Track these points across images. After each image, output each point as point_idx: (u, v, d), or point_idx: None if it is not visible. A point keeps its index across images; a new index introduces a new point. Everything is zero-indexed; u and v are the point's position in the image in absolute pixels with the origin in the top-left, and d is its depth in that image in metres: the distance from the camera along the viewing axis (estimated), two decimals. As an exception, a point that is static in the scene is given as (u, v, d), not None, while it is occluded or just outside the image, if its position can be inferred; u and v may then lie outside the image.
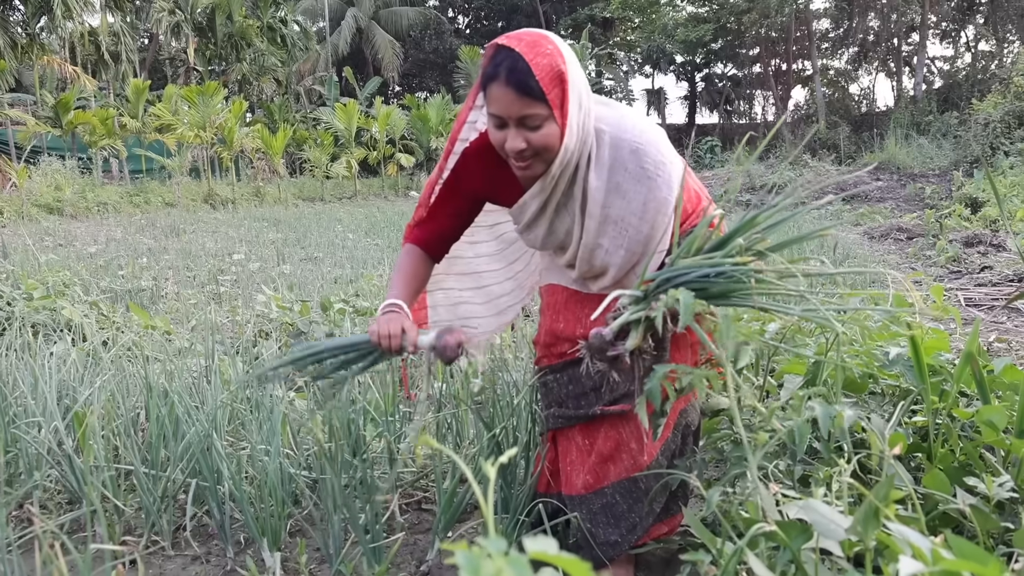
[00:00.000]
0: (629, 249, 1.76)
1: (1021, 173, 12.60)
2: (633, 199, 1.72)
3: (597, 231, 1.76)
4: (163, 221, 13.42)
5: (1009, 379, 2.28)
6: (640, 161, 1.72)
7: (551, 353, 1.97)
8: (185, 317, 4.57)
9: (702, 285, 1.54)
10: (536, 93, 1.57)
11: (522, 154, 1.64)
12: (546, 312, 2.01)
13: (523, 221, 1.82)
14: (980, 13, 31.24)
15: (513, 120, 1.61)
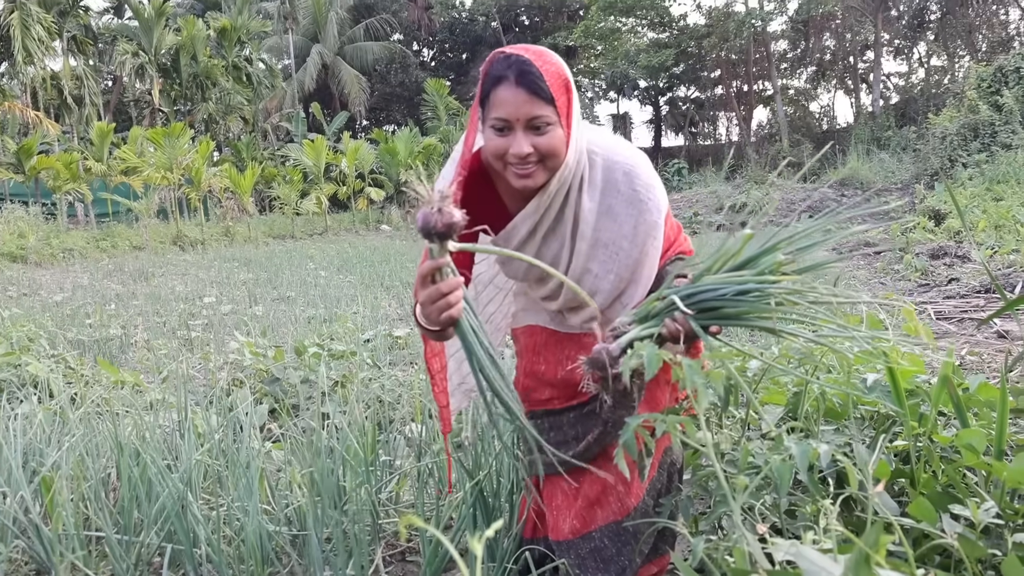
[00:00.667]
0: (618, 275, 1.74)
1: (980, 184, 12.86)
2: (624, 222, 1.71)
3: (588, 255, 1.73)
4: (131, 265, 13.26)
5: (984, 396, 2.30)
6: (632, 183, 1.71)
7: (530, 399, 1.92)
8: (156, 367, 4.49)
9: (721, 304, 1.53)
10: (546, 96, 1.54)
11: (527, 160, 1.57)
12: (524, 355, 1.95)
13: (511, 245, 1.74)
14: (930, 30, 32.01)
15: (521, 122, 1.55)
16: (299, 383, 3.57)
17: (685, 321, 1.51)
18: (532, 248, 1.74)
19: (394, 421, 3.26)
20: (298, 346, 3.92)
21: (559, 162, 1.61)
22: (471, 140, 1.67)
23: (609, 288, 1.75)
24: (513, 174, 1.61)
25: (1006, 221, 9.00)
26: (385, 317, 6.57)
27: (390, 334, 5.13)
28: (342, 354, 3.78)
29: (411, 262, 11.30)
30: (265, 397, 3.63)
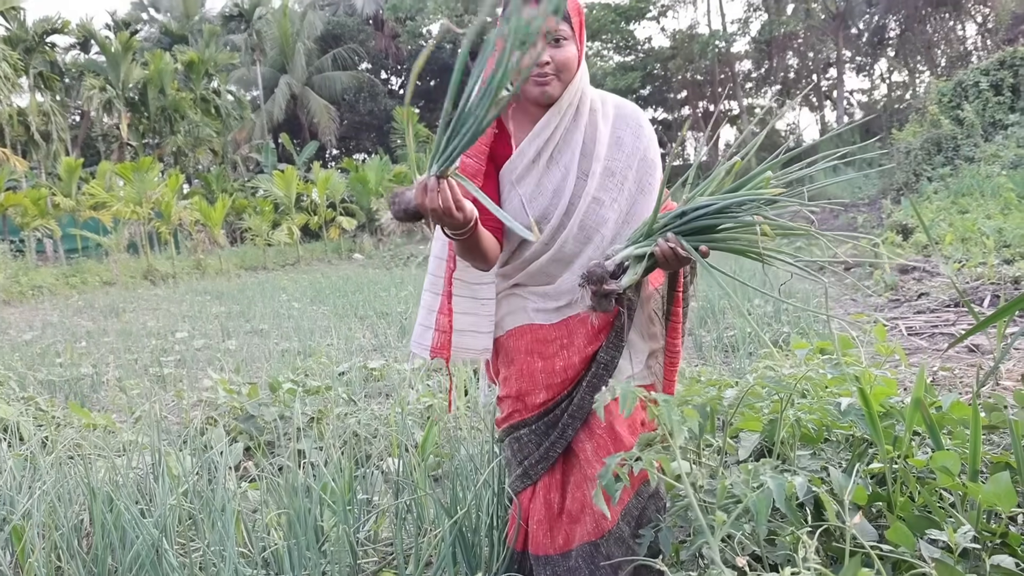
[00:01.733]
0: (622, 207, 1.89)
1: (946, 198, 13.08)
2: (632, 154, 1.90)
3: (600, 182, 1.86)
4: (102, 301, 13.09)
5: (957, 415, 2.33)
6: (640, 120, 1.94)
7: (526, 405, 1.95)
8: (128, 408, 4.42)
9: (713, 223, 1.66)
10: (563, 14, 1.72)
11: (545, 68, 1.76)
12: (516, 359, 1.97)
13: (515, 174, 1.86)
14: (890, 46, 32.71)
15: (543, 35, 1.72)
16: (274, 420, 3.53)
17: (677, 240, 1.65)
18: (534, 177, 1.86)
19: (371, 456, 3.23)
20: (272, 382, 3.89)
21: (571, 76, 1.81)
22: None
23: (614, 219, 1.88)
24: (532, 83, 1.78)
25: (972, 234, 9.15)
26: (360, 348, 6.53)
27: (365, 366, 5.10)
28: (317, 389, 3.75)
29: (384, 291, 11.26)
30: (240, 435, 3.59)
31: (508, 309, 2.01)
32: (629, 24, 32.94)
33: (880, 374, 2.24)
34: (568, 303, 1.91)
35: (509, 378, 1.98)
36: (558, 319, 1.93)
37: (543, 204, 1.86)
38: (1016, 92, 15.99)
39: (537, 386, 1.93)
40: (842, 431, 2.22)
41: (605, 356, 1.90)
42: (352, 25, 40.26)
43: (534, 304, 1.96)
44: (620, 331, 1.88)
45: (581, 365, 1.92)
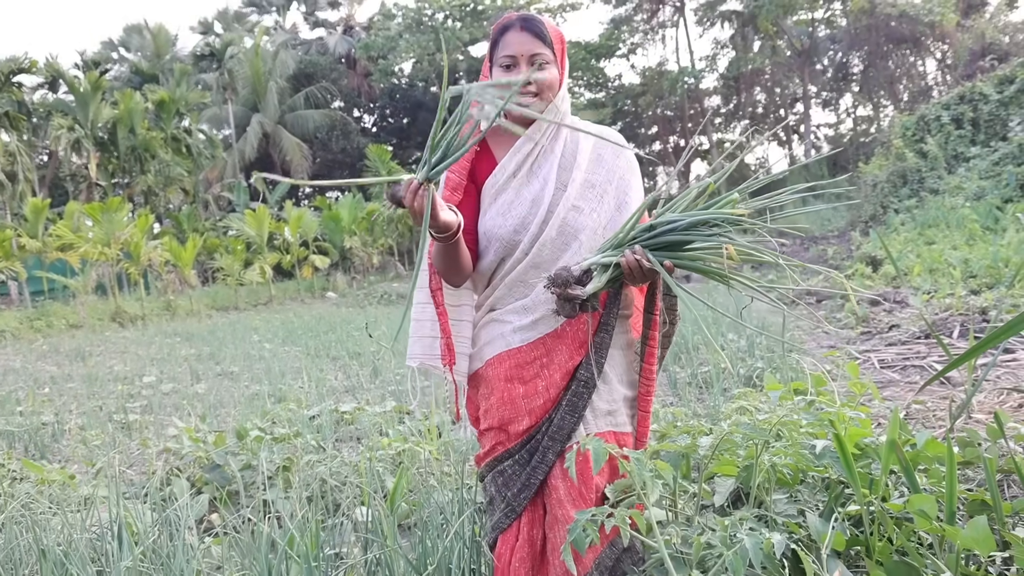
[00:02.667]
0: (601, 219, 1.96)
1: (912, 229, 13.27)
2: (612, 170, 2.00)
3: (579, 191, 1.95)
4: (67, 345, 12.83)
5: (932, 452, 2.31)
6: (621, 142, 2.02)
7: (509, 434, 1.96)
8: (88, 460, 4.28)
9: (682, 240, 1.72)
10: (546, 40, 1.91)
11: (528, 88, 1.88)
12: (496, 388, 1.98)
13: (496, 186, 1.95)
14: (855, 82, 33.42)
15: (525, 58, 1.89)
16: (240, 469, 3.44)
17: (643, 252, 1.72)
18: (514, 188, 1.95)
19: (340, 505, 3.14)
20: (239, 429, 3.79)
21: (552, 96, 1.93)
22: None
23: (592, 227, 1.94)
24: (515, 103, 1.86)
25: (939, 264, 9.27)
26: (331, 391, 6.42)
27: (336, 409, 5.01)
28: (285, 437, 3.66)
29: (357, 330, 11.15)
30: (205, 486, 3.48)
31: (486, 338, 2.03)
32: (599, 61, 33.42)
33: (854, 415, 2.21)
34: (544, 315, 1.93)
35: (490, 409, 1.99)
36: (535, 336, 1.94)
37: (522, 213, 1.93)
38: (976, 126, 16.35)
39: (519, 413, 1.93)
40: (818, 473, 2.19)
41: (585, 372, 1.90)
42: (324, 64, 40.43)
43: (512, 324, 1.97)
44: (600, 347, 1.90)
45: (562, 382, 1.93)
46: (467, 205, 1.98)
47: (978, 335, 5.68)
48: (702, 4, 32.76)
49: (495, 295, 2.02)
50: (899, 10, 28.61)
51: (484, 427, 2.02)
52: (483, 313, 2.07)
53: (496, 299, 2.02)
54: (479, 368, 2.05)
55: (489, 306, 2.05)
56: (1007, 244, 9.23)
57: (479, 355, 2.05)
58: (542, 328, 1.95)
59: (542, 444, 1.91)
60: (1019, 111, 15.54)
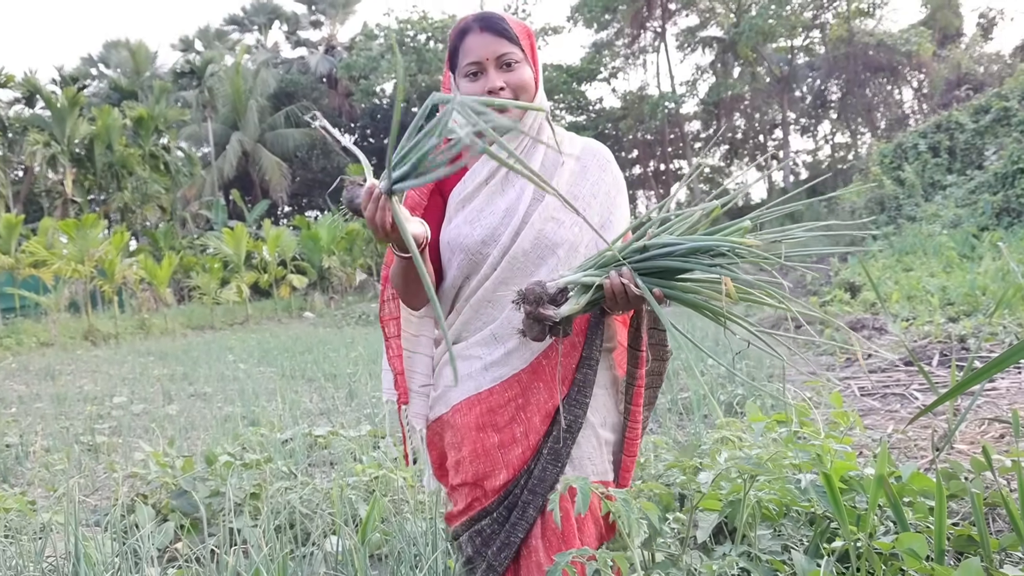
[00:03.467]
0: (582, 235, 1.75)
1: (890, 256, 13.37)
2: (597, 183, 1.80)
3: (558, 203, 1.72)
4: (37, 363, 12.58)
5: (918, 486, 2.26)
6: (607, 155, 1.86)
7: (486, 491, 1.72)
8: (51, 485, 4.15)
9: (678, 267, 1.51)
10: (511, 35, 1.68)
11: (500, 94, 1.67)
12: (467, 438, 1.74)
13: (463, 193, 1.75)
14: (833, 109, 33.86)
15: (491, 61, 1.67)
16: (208, 496, 3.32)
17: (631, 276, 1.49)
18: (485, 197, 1.74)
19: (311, 535, 3.03)
20: (209, 456, 3.68)
21: (529, 98, 1.72)
22: None
23: (572, 242, 1.74)
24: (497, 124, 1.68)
25: (917, 292, 9.31)
26: (306, 413, 6.31)
27: (310, 433, 4.90)
28: (256, 463, 3.55)
29: (334, 351, 11.02)
30: (171, 513, 3.36)
31: (450, 381, 1.81)
32: (581, 85, 33.64)
33: (840, 449, 2.16)
34: (517, 346, 1.71)
35: (462, 462, 1.75)
36: (508, 373, 1.72)
37: (492, 223, 1.72)
38: (953, 154, 16.58)
39: (496, 466, 1.71)
40: (803, 508, 2.14)
41: (569, 416, 1.69)
42: (306, 83, 40.41)
43: (480, 360, 1.74)
44: (583, 385, 1.70)
45: (542, 426, 1.71)
46: (431, 215, 1.78)
47: (959, 363, 5.67)
48: (683, 30, 33.15)
49: (460, 320, 1.78)
50: (876, 39, 29.09)
51: (456, 482, 1.78)
52: (445, 348, 1.83)
53: (462, 325, 1.79)
54: (444, 414, 1.81)
55: (453, 337, 1.81)
56: (984, 272, 9.30)
57: (444, 398, 1.81)
58: (515, 363, 1.72)
59: (521, 499, 1.69)
60: (994, 140, 15.78)
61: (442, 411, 1.81)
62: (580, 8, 30.78)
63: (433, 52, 33.31)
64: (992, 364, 1.70)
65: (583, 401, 1.70)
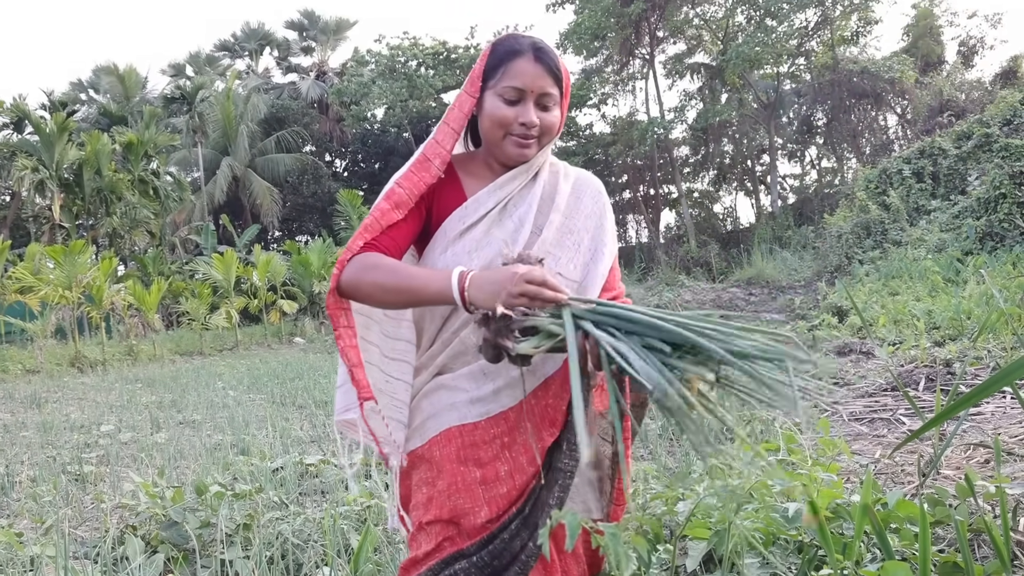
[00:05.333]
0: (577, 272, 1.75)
1: (877, 280, 13.47)
2: (590, 216, 1.80)
3: (556, 236, 1.74)
4: (23, 391, 12.48)
5: (903, 512, 2.29)
6: (600, 188, 1.88)
7: (462, 529, 1.61)
8: (38, 517, 4.12)
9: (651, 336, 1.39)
10: (558, 77, 1.69)
11: (531, 131, 1.68)
12: (445, 471, 1.64)
13: (466, 222, 1.71)
14: (819, 134, 34.20)
15: (534, 95, 1.67)
16: (199, 527, 3.32)
17: (595, 346, 1.42)
18: (484, 227, 1.71)
19: (303, 565, 3.03)
20: (199, 485, 3.67)
21: (550, 141, 1.75)
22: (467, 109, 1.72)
23: (566, 281, 1.70)
24: (513, 143, 1.69)
25: (903, 316, 9.39)
26: (297, 441, 6.29)
27: (301, 461, 4.89)
28: (246, 493, 3.55)
29: (324, 377, 10.98)
30: (161, 545, 3.35)
31: (431, 410, 1.70)
32: (571, 111, 33.86)
33: (827, 478, 2.19)
34: (508, 383, 1.63)
35: (436, 497, 1.64)
36: (497, 409, 1.64)
37: (490, 255, 1.67)
38: (936, 179, 16.77)
39: (477, 502, 1.60)
40: (790, 537, 2.17)
41: (571, 462, 1.60)
42: (296, 108, 40.55)
43: (467, 393, 1.66)
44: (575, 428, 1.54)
45: (530, 467, 1.62)
46: (405, 227, 1.71)
47: (944, 387, 5.72)
48: (671, 57, 33.48)
49: (446, 352, 1.70)
50: (860, 67, 29.46)
51: (426, 519, 1.64)
52: (428, 377, 1.74)
53: (448, 358, 1.70)
54: (418, 447, 1.71)
55: (437, 368, 1.72)
56: (968, 296, 9.39)
57: (421, 430, 1.72)
58: (505, 400, 1.65)
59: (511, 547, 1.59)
60: (976, 166, 15.98)
61: (417, 444, 1.72)
62: (570, 35, 31.05)
63: (424, 78, 33.53)
64: (975, 392, 1.74)
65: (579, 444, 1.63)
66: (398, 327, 1.85)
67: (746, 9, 29.19)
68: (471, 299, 1.48)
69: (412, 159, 1.76)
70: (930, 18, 32.77)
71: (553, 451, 1.64)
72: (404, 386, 1.81)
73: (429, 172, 1.71)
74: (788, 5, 26.62)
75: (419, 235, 1.79)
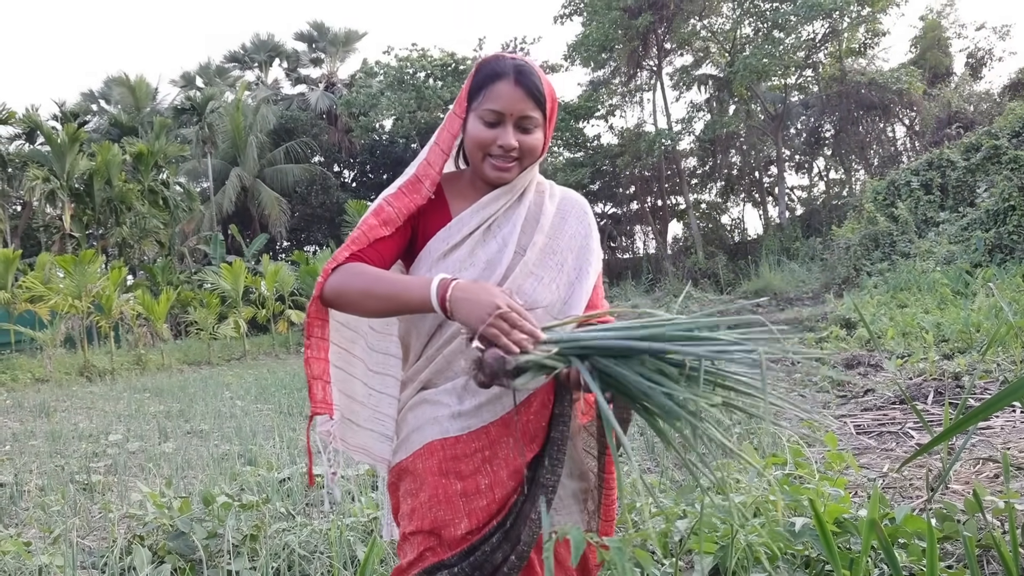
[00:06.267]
0: (559, 288, 1.75)
1: (885, 292, 13.43)
2: (574, 236, 1.80)
3: (539, 256, 1.74)
4: (32, 400, 12.53)
5: (911, 528, 2.28)
6: (584, 207, 1.87)
7: (443, 540, 1.62)
8: (46, 526, 4.14)
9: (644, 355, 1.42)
10: (540, 100, 1.69)
11: (510, 153, 1.68)
12: (426, 483, 1.66)
13: (449, 243, 1.72)
14: (827, 146, 34.17)
15: (513, 118, 1.67)
16: (206, 538, 3.32)
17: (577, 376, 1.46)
18: (468, 247, 1.72)
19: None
20: (206, 495, 3.68)
21: (532, 162, 1.74)
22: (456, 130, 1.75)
23: (550, 299, 1.72)
24: (491, 165, 1.70)
25: (912, 328, 9.36)
26: (304, 451, 6.29)
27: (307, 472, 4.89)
28: (253, 504, 3.55)
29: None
30: (168, 555, 3.36)
31: (415, 423, 1.73)
32: (578, 122, 33.93)
33: (834, 493, 2.19)
34: (489, 399, 1.66)
35: (419, 508, 1.66)
36: (478, 424, 1.66)
37: (474, 275, 1.69)
38: (945, 191, 16.74)
39: (457, 514, 1.62)
40: (797, 552, 2.16)
41: (552, 477, 1.61)
42: (305, 119, 40.73)
43: (449, 408, 1.68)
44: (560, 443, 1.63)
45: (510, 481, 1.65)
46: (391, 242, 1.72)
47: (953, 401, 5.70)
48: (678, 69, 33.54)
49: (430, 368, 1.72)
50: (868, 78, 29.46)
51: (410, 530, 1.68)
52: (412, 391, 1.77)
53: (432, 373, 1.72)
54: (403, 460, 1.74)
55: (421, 383, 1.75)
56: (977, 309, 9.36)
57: (406, 443, 1.75)
58: (486, 415, 1.67)
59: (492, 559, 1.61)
60: (985, 178, 15.94)
61: (402, 456, 1.75)
62: (577, 47, 31.16)
63: (432, 90, 33.65)
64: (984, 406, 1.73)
65: (562, 459, 1.64)
66: (384, 341, 1.91)
67: (753, 21, 29.26)
68: (452, 310, 1.51)
69: (403, 177, 1.77)
70: (938, 30, 32.75)
71: (536, 466, 1.67)
72: (389, 400, 1.88)
73: (419, 194, 1.74)
74: (795, 17, 26.65)
75: (404, 253, 1.81)
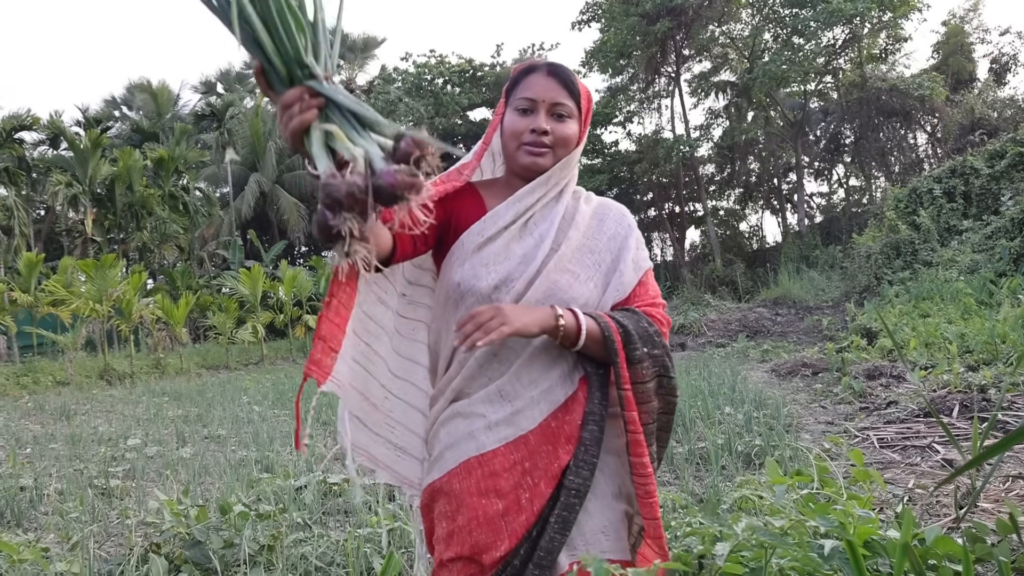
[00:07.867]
0: (596, 291, 1.72)
1: (907, 302, 13.27)
2: (613, 237, 1.78)
3: (574, 253, 1.72)
4: (53, 403, 12.63)
5: (943, 550, 2.22)
6: (623, 211, 1.87)
7: (483, 565, 1.54)
8: (65, 533, 4.14)
9: None
10: (573, 91, 1.71)
11: (543, 137, 1.68)
12: (466, 505, 1.57)
13: (484, 235, 1.69)
14: (847, 152, 33.92)
15: (546, 104, 1.69)
16: (222, 548, 3.31)
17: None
18: (504, 241, 1.70)
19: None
20: (223, 504, 3.66)
21: (566, 153, 1.73)
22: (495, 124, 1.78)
23: (586, 297, 1.69)
24: (525, 151, 1.70)
25: (935, 339, 9.22)
26: (321, 459, 6.28)
27: (324, 480, 4.88)
28: (269, 514, 3.53)
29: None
30: (185, 564, 3.34)
31: (448, 440, 1.65)
32: (596, 129, 33.89)
33: (864, 514, 2.13)
34: (527, 404, 1.61)
35: (457, 532, 1.58)
36: (515, 434, 1.60)
37: (508, 268, 1.66)
38: (968, 199, 16.54)
39: (499, 536, 1.54)
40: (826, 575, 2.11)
41: (577, 479, 1.55)
42: (324, 125, 40.89)
43: (484, 419, 1.62)
44: (590, 445, 1.57)
45: (547, 490, 1.57)
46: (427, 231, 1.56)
47: (982, 416, 5.59)
48: (696, 75, 33.42)
49: (463, 375, 1.66)
50: (889, 84, 29.22)
51: (448, 556, 1.58)
52: (444, 404, 1.70)
53: (465, 380, 1.66)
54: (438, 479, 1.65)
55: (453, 393, 1.68)
56: (1003, 320, 9.21)
57: (439, 462, 1.66)
58: (524, 423, 1.61)
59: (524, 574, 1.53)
60: (1010, 186, 15.74)
61: (436, 476, 1.66)
62: (595, 54, 31.14)
63: (450, 96, 33.73)
64: (1018, 431, 1.67)
65: (591, 461, 1.57)
66: (411, 347, 1.85)
67: (772, 27, 29.10)
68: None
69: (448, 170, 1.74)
70: (961, 35, 32.47)
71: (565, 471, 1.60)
72: (404, 407, 1.82)
73: (458, 180, 1.72)
74: (815, 23, 26.47)
75: (436, 246, 1.76)
